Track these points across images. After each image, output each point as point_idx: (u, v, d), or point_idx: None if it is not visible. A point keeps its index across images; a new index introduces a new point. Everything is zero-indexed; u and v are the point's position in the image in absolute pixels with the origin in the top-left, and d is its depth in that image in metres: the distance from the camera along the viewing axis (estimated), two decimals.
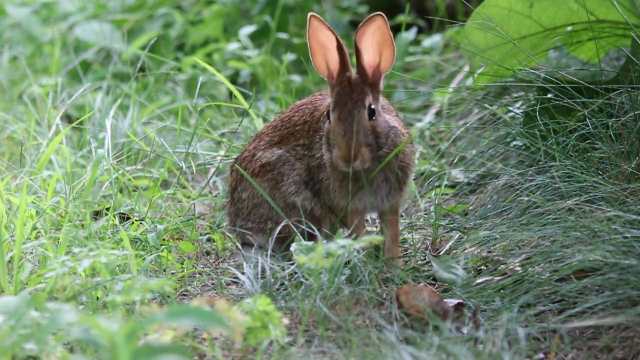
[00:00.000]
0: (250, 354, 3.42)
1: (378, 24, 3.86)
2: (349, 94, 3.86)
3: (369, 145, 3.84)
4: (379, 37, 3.87)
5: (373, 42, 3.88)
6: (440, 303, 3.59)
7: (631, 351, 3.37)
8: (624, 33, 4.51)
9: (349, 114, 3.83)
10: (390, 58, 3.89)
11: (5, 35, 7.24)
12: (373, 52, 3.89)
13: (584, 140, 4.24)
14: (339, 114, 3.84)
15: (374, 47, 3.88)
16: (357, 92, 3.86)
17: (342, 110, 3.84)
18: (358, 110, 3.84)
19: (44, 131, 5.07)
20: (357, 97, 3.85)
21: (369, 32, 3.86)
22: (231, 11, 6.79)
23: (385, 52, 3.89)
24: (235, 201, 4.12)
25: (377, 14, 3.86)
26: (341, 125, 3.82)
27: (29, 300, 3.19)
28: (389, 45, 3.88)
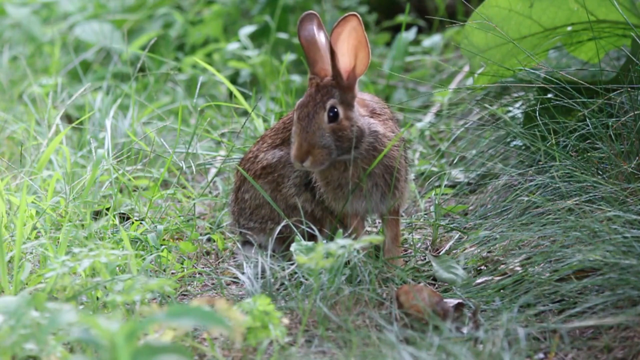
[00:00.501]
0: (250, 354, 3.42)
1: (353, 25, 3.84)
2: (314, 95, 3.87)
3: (325, 147, 3.83)
4: (354, 39, 3.85)
5: (348, 45, 3.86)
6: (440, 303, 3.59)
7: (631, 351, 3.37)
8: (624, 33, 4.51)
9: (307, 114, 3.84)
10: (365, 61, 3.88)
11: (5, 35, 7.24)
12: (348, 55, 3.87)
13: (584, 140, 4.24)
14: (298, 114, 3.86)
15: (349, 49, 3.87)
16: (322, 94, 3.86)
17: (302, 110, 3.86)
18: (316, 112, 3.84)
19: (44, 131, 5.07)
20: (320, 98, 3.86)
21: (344, 34, 3.84)
22: (231, 11, 6.79)
23: (360, 55, 3.88)
24: (239, 201, 4.14)
25: (351, 14, 3.83)
26: (297, 125, 3.85)
27: (29, 300, 3.19)
28: (364, 48, 3.87)
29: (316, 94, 3.87)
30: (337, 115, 3.86)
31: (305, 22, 3.94)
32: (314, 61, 3.92)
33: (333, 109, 3.85)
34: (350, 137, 3.86)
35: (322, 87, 3.88)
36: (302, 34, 3.93)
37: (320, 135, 3.83)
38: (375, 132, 3.92)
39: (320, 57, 3.91)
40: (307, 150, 3.82)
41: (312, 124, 3.84)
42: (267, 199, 4.03)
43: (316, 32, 3.93)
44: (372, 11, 6.92)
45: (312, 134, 3.83)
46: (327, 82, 3.88)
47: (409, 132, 5.27)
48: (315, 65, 3.92)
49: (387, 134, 3.96)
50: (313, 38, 3.92)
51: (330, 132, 3.85)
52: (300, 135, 3.83)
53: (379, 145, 3.92)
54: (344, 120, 3.86)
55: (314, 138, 3.83)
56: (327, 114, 3.85)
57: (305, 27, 3.93)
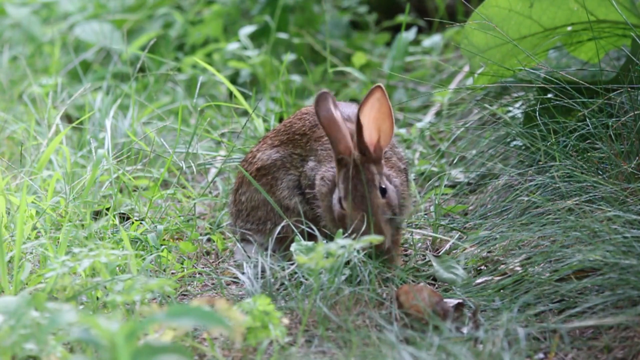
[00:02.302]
0: (250, 354, 3.42)
1: (377, 97, 3.79)
2: (358, 176, 3.81)
3: (388, 221, 3.81)
4: (377, 111, 3.81)
5: (370, 117, 3.81)
6: (440, 303, 3.59)
7: (631, 351, 3.37)
8: (624, 33, 4.51)
9: (362, 197, 3.79)
10: (390, 132, 3.84)
11: (5, 35, 7.24)
12: (371, 127, 3.83)
13: (584, 140, 4.24)
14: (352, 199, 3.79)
15: (372, 121, 3.82)
16: (367, 172, 3.81)
17: (355, 195, 3.79)
18: (372, 192, 3.79)
19: (44, 131, 5.07)
20: (367, 177, 3.80)
21: (368, 107, 3.80)
22: (231, 11, 6.79)
23: (384, 126, 3.84)
24: (236, 202, 4.15)
25: (377, 86, 3.79)
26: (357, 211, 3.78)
27: (29, 300, 3.19)
28: (387, 118, 3.83)
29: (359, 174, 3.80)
30: (386, 190, 3.83)
31: (322, 101, 3.85)
32: (338, 140, 3.83)
33: (381, 186, 3.82)
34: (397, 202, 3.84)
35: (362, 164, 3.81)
36: (321, 114, 3.84)
37: (381, 212, 3.79)
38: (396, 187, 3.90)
39: (342, 135, 3.83)
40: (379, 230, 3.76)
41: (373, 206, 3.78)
42: (267, 198, 4.03)
43: (333, 111, 3.85)
44: (372, 11, 6.92)
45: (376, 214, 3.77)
46: (361, 159, 3.82)
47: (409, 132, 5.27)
48: (339, 144, 3.84)
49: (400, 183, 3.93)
50: (332, 117, 3.84)
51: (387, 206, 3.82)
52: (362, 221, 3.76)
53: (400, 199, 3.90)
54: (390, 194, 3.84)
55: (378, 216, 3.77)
56: (379, 191, 3.81)
57: (323, 106, 3.85)
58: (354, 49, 6.52)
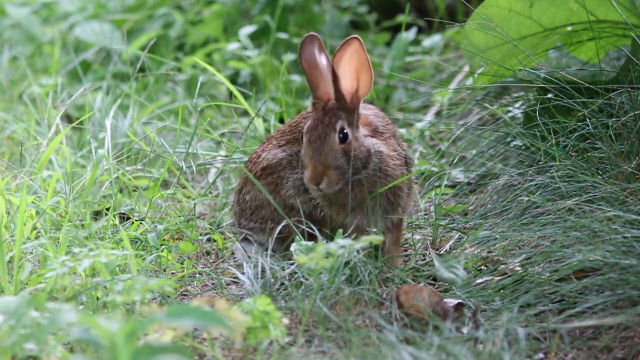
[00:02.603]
0: (250, 354, 3.42)
1: (355, 48, 3.83)
2: (322, 118, 3.86)
3: (338, 168, 3.83)
4: (356, 61, 3.85)
5: (350, 67, 3.85)
6: (440, 303, 3.59)
7: (631, 351, 3.37)
8: (624, 33, 4.51)
9: (318, 137, 3.84)
10: (368, 83, 3.88)
11: (5, 35, 7.24)
12: (351, 77, 3.87)
13: (584, 140, 4.24)
14: (309, 137, 3.85)
15: (351, 72, 3.86)
16: (330, 116, 3.86)
17: (312, 133, 3.85)
18: (327, 133, 3.84)
19: (44, 131, 5.07)
20: (329, 121, 3.85)
21: (346, 57, 3.83)
22: (231, 11, 6.79)
23: (363, 77, 3.87)
24: (240, 202, 4.16)
25: (353, 37, 3.82)
26: (309, 148, 3.84)
27: (29, 300, 3.19)
28: (366, 70, 3.86)
29: (324, 116, 3.86)
30: (347, 136, 3.86)
31: (307, 44, 3.92)
32: (316, 85, 3.90)
33: (343, 130, 3.85)
34: (360, 157, 3.86)
35: (328, 109, 3.87)
36: (304, 56, 3.91)
37: (333, 156, 3.83)
38: (379, 152, 3.93)
39: (322, 80, 3.90)
40: (322, 171, 3.82)
41: (325, 146, 3.83)
42: (269, 198, 4.04)
43: (317, 55, 3.91)
44: (372, 11, 6.92)
45: (325, 155, 3.82)
46: (332, 105, 3.88)
47: (409, 132, 5.27)
48: (317, 89, 3.91)
49: (391, 153, 3.96)
50: (314, 61, 3.90)
51: (342, 153, 3.85)
52: (313, 158, 3.83)
53: (383, 165, 3.92)
54: (353, 141, 3.86)
55: (328, 159, 3.82)
56: (337, 135, 3.85)
57: (306, 49, 3.91)
58: None
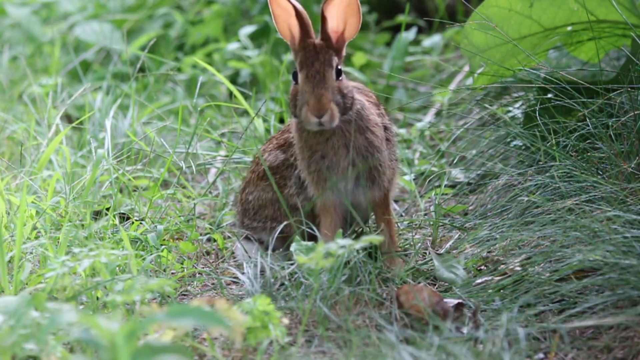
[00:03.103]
0: (250, 354, 3.42)
1: None
2: (316, 55, 3.87)
3: (338, 104, 3.84)
4: (345, 4, 3.88)
5: (339, 9, 3.89)
6: (440, 303, 3.59)
7: (631, 351, 3.37)
8: (624, 33, 4.51)
9: (317, 72, 3.84)
10: (356, 26, 3.91)
11: (5, 35, 7.24)
12: (338, 19, 3.90)
13: (584, 140, 4.24)
14: (306, 73, 3.85)
15: (340, 14, 3.89)
16: (324, 54, 3.87)
17: (310, 69, 3.85)
18: (326, 69, 3.85)
19: (44, 131, 5.07)
20: (324, 57, 3.86)
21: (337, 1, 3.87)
22: (231, 11, 6.79)
23: (350, 20, 3.90)
24: (243, 202, 4.16)
25: None
26: (309, 83, 3.83)
27: (29, 300, 3.19)
28: (354, 14, 3.90)
29: (318, 54, 3.87)
30: (341, 72, 3.88)
31: None
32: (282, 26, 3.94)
33: (337, 67, 3.87)
34: (349, 97, 3.87)
35: (320, 48, 3.88)
36: None
37: (332, 91, 3.84)
38: (361, 101, 3.95)
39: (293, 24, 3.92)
40: (325, 104, 3.81)
41: (325, 81, 3.83)
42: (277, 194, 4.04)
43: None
44: (372, 11, 6.92)
45: (326, 89, 3.82)
46: (321, 44, 3.90)
47: (409, 132, 5.27)
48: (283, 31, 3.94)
49: (371, 110, 3.97)
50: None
51: (338, 90, 3.86)
52: (315, 91, 3.81)
53: (364, 114, 3.93)
54: (344, 80, 3.89)
55: (328, 94, 3.82)
56: (334, 71, 3.86)
57: None
58: (354, 49, 6.52)
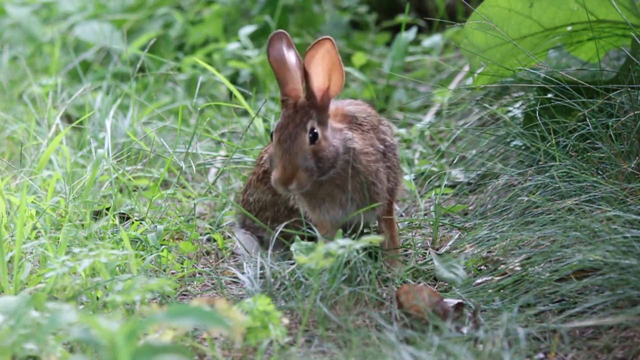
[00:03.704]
0: (250, 354, 3.42)
1: (327, 48, 3.79)
2: (292, 117, 3.81)
3: (308, 170, 3.78)
4: (328, 61, 3.81)
5: (323, 66, 3.82)
6: (440, 303, 3.59)
7: (631, 351, 3.37)
8: (624, 33, 4.51)
9: (289, 136, 3.79)
10: (340, 82, 3.84)
11: (5, 35, 7.24)
12: (322, 75, 3.83)
13: (584, 140, 4.23)
14: (279, 136, 3.80)
15: (324, 70, 3.82)
16: (301, 115, 3.81)
17: (283, 132, 3.80)
18: (298, 133, 3.79)
19: (44, 131, 5.07)
20: (300, 120, 3.80)
21: (318, 56, 3.80)
22: (231, 11, 6.79)
23: (334, 77, 3.84)
24: (244, 203, 4.16)
25: (325, 38, 3.79)
26: (279, 147, 3.79)
27: (29, 300, 3.19)
28: (338, 70, 3.83)
29: (295, 115, 3.81)
30: (317, 136, 3.81)
31: (275, 41, 3.87)
32: (285, 82, 3.85)
33: (313, 130, 3.80)
34: (329, 158, 3.82)
35: (299, 107, 3.82)
36: (272, 53, 3.86)
37: (303, 157, 3.78)
38: (351, 149, 3.88)
39: (290, 77, 3.85)
40: (291, 173, 3.76)
41: (295, 146, 3.77)
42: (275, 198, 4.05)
43: (286, 52, 3.86)
44: (372, 11, 6.92)
45: (295, 156, 3.77)
46: (303, 103, 3.83)
47: (409, 132, 5.27)
48: (286, 86, 3.85)
49: (365, 149, 3.92)
50: (283, 58, 3.85)
51: (312, 154, 3.80)
52: (283, 158, 3.77)
53: (355, 162, 3.88)
54: (322, 141, 3.82)
55: (297, 160, 3.77)
56: (308, 135, 3.80)
57: (274, 46, 3.86)
58: (354, 49, 6.53)
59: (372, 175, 3.92)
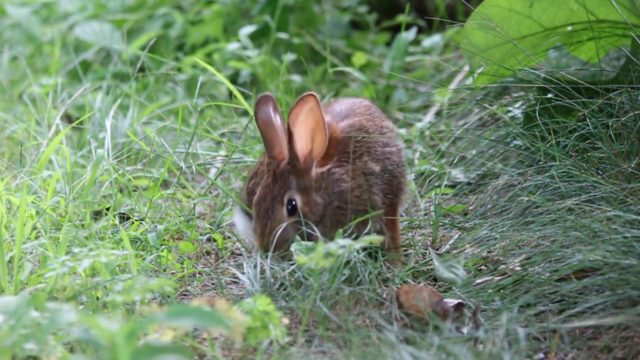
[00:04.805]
0: (250, 354, 3.42)
1: (310, 106, 3.74)
2: (271, 187, 3.80)
3: (287, 240, 3.77)
4: (311, 121, 3.77)
5: (306, 127, 3.77)
6: (440, 303, 3.59)
7: (631, 351, 3.37)
8: (624, 33, 4.51)
9: (266, 211, 3.79)
10: (323, 144, 3.80)
11: (5, 35, 7.24)
12: (305, 138, 3.79)
13: (584, 140, 4.23)
14: (257, 211, 3.80)
15: (307, 132, 3.78)
16: (279, 186, 3.80)
17: (261, 206, 3.80)
18: (275, 207, 3.78)
19: (44, 131, 5.07)
20: (278, 191, 3.79)
21: (302, 115, 3.75)
22: (231, 11, 6.79)
23: (317, 137, 3.80)
24: (248, 192, 4.16)
25: (309, 94, 3.74)
26: (258, 222, 3.80)
27: (29, 300, 3.19)
28: (321, 130, 3.78)
29: (274, 185, 3.80)
30: (296, 208, 3.79)
31: (262, 104, 3.83)
32: (272, 145, 3.82)
33: (291, 202, 3.80)
34: (315, 216, 3.81)
35: (279, 176, 3.80)
36: (260, 116, 3.82)
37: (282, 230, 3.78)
38: (340, 193, 3.86)
39: (277, 140, 3.82)
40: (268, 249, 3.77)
41: (273, 221, 3.78)
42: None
43: (272, 115, 3.83)
44: (372, 11, 6.92)
45: (273, 230, 3.78)
46: (283, 169, 3.81)
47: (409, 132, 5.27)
48: (273, 149, 3.83)
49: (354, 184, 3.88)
50: (270, 121, 3.82)
51: (292, 224, 3.79)
52: (262, 233, 3.79)
53: (344, 204, 3.86)
54: (303, 208, 3.80)
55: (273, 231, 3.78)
56: (285, 208, 3.80)
57: (262, 109, 3.83)
58: (354, 49, 6.53)
59: (362, 205, 3.90)
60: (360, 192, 3.89)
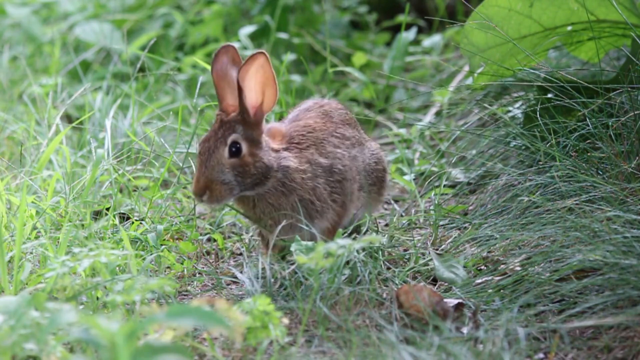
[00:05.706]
0: (250, 354, 3.42)
1: (260, 63, 3.79)
2: (217, 130, 3.83)
3: (224, 183, 3.80)
4: (261, 76, 3.81)
5: (256, 81, 3.82)
6: (440, 303, 3.59)
7: (631, 351, 3.37)
8: (624, 33, 4.51)
9: (208, 149, 3.81)
10: (273, 98, 3.84)
11: (5, 35, 7.24)
12: (256, 91, 3.83)
13: (584, 140, 4.24)
14: (200, 148, 3.83)
15: (257, 85, 3.83)
16: (224, 129, 3.83)
17: (204, 145, 3.83)
18: (217, 146, 3.81)
19: (44, 131, 5.07)
20: (222, 133, 3.82)
21: (252, 71, 3.80)
22: (231, 11, 6.79)
23: (268, 92, 3.84)
24: None
25: (259, 52, 3.80)
26: (198, 159, 3.83)
27: (29, 300, 3.19)
28: (271, 85, 3.83)
29: (219, 129, 3.83)
30: (240, 151, 3.82)
31: (221, 55, 3.87)
32: (223, 97, 3.87)
33: (235, 144, 3.82)
34: (254, 173, 3.82)
35: (226, 122, 3.83)
36: (215, 67, 3.87)
37: (219, 170, 3.80)
38: (285, 167, 3.88)
39: (229, 92, 3.86)
40: (204, 185, 3.79)
41: (212, 159, 3.80)
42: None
43: (228, 67, 3.87)
44: (372, 11, 6.92)
45: (211, 169, 3.79)
46: (231, 118, 3.84)
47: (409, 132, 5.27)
48: (223, 101, 3.87)
49: (300, 167, 3.91)
50: (224, 72, 3.86)
51: (231, 168, 3.81)
52: (199, 170, 3.81)
53: (287, 180, 3.88)
54: (247, 157, 3.82)
55: (213, 173, 3.79)
56: (228, 149, 3.81)
57: (219, 60, 3.87)
58: (354, 49, 6.53)
59: (308, 192, 3.91)
60: (306, 177, 3.91)
